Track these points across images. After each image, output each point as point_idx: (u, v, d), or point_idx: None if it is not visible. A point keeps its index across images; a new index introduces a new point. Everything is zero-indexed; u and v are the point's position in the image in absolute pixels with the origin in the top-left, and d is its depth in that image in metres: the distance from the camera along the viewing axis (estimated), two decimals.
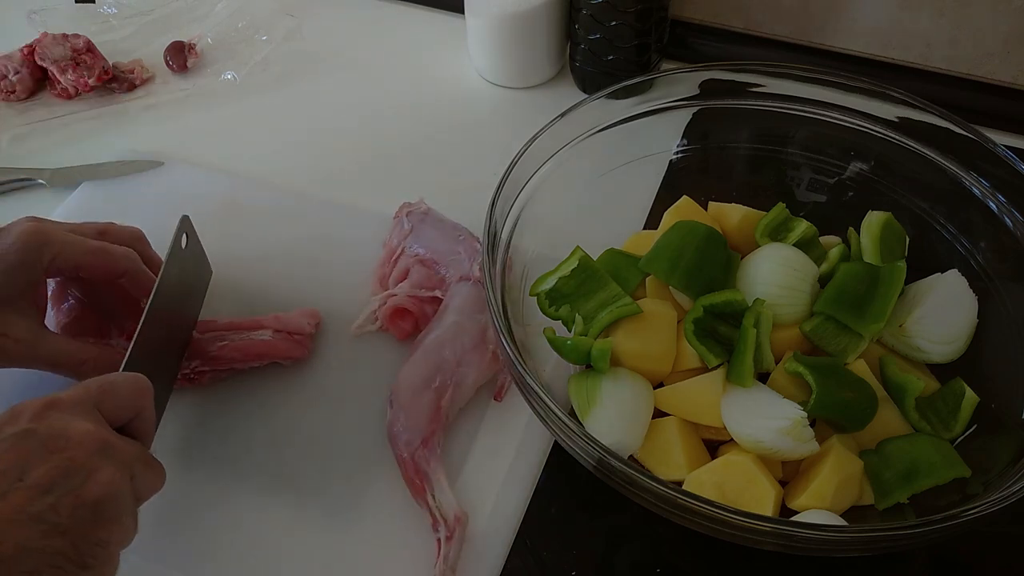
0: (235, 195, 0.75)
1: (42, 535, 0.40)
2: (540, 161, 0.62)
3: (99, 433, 0.46)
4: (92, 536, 0.42)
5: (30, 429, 0.44)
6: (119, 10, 0.93)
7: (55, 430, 0.44)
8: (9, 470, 0.42)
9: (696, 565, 0.55)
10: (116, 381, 0.49)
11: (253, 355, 0.62)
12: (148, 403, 0.51)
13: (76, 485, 0.43)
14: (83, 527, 0.42)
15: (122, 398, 0.49)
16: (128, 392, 0.49)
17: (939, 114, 0.61)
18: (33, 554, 0.40)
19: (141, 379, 0.51)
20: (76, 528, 0.42)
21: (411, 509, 0.56)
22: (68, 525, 0.41)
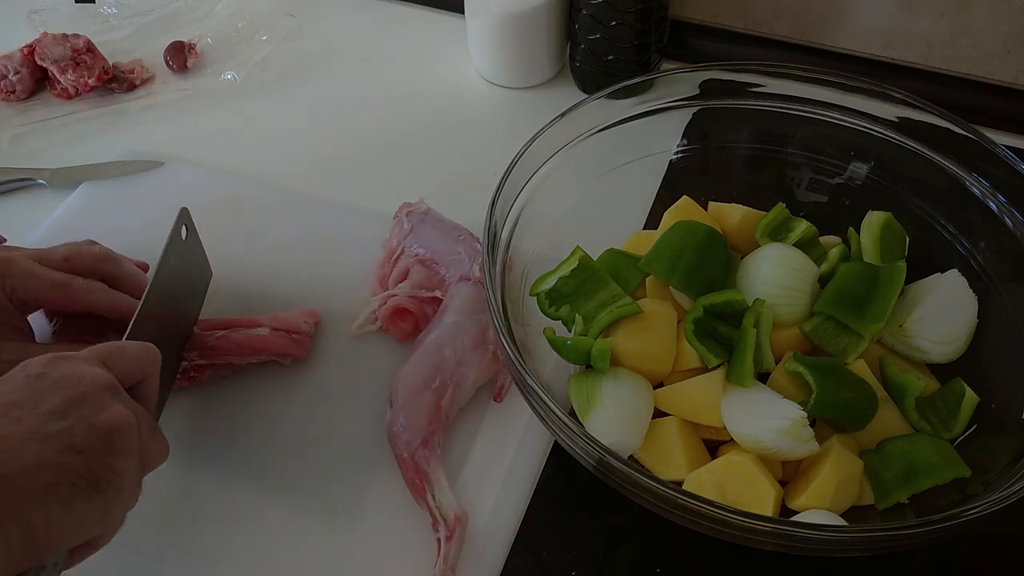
0: (235, 195, 0.75)
1: (58, 452, 0.42)
2: (540, 161, 0.62)
3: (110, 377, 0.47)
4: (105, 461, 0.44)
5: (43, 372, 0.45)
6: (119, 10, 0.93)
7: (67, 372, 0.46)
8: (24, 402, 0.43)
9: (696, 565, 0.55)
10: (124, 344, 0.51)
11: (250, 349, 0.62)
12: (154, 371, 0.51)
13: (89, 414, 0.44)
14: (97, 452, 0.44)
15: (129, 361, 0.50)
16: (135, 355, 0.50)
17: (939, 114, 0.61)
18: (51, 468, 0.41)
19: (149, 346, 0.51)
20: (90, 451, 0.43)
21: (411, 509, 0.56)
22: (83, 447, 0.43)
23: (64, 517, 0.42)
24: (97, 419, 0.44)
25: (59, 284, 0.56)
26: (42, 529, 0.41)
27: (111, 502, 0.44)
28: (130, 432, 0.46)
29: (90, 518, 0.43)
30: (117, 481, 0.44)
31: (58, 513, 0.41)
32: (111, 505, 0.44)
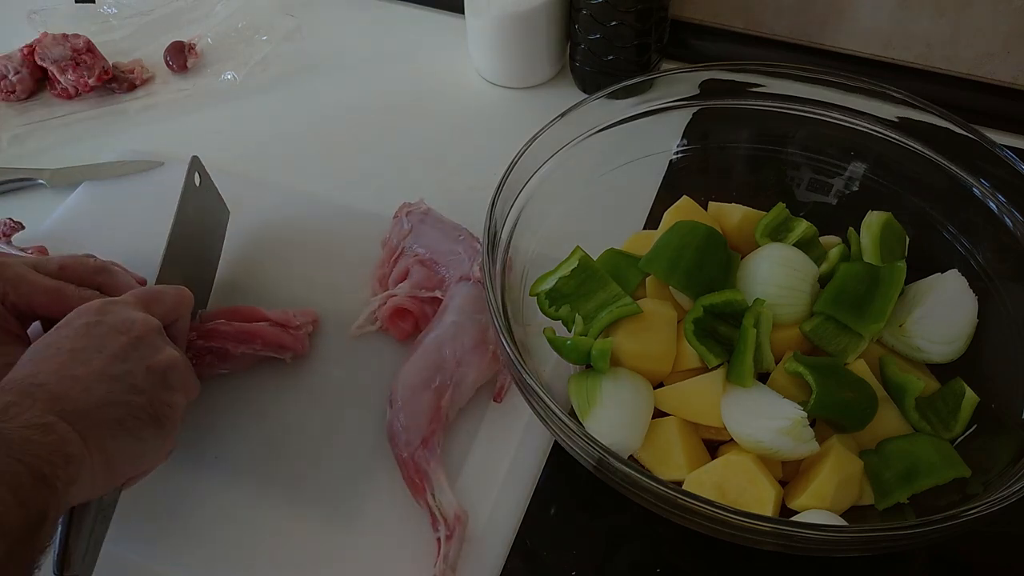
0: (235, 195, 0.75)
1: (123, 391, 0.48)
2: (540, 161, 0.62)
3: (156, 321, 0.53)
4: (163, 397, 0.50)
5: (98, 320, 0.51)
6: (119, 10, 0.93)
7: (120, 318, 0.51)
8: (89, 347, 0.49)
9: (696, 565, 0.55)
10: (162, 289, 0.57)
11: (247, 335, 0.62)
12: (187, 311, 0.57)
13: (147, 355, 0.50)
14: (156, 389, 0.50)
15: (167, 305, 0.55)
16: (173, 299, 0.56)
17: (939, 114, 0.61)
18: (119, 405, 0.47)
19: (183, 290, 0.57)
20: (150, 389, 0.49)
21: (411, 509, 0.56)
22: (144, 386, 0.49)
23: (133, 446, 0.48)
24: (153, 361, 0.50)
25: (52, 290, 0.56)
26: (117, 456, 0.47)
27: (169, 433, 0.51)
28: (178, 370, 0.52)
29: (153, 447, 0.50)
30: (173, 415, 0.51)
31: (128, 442, 0.48)
32: (169, 436, 0.51)
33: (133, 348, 0.50)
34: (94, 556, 0.50)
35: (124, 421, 0.47)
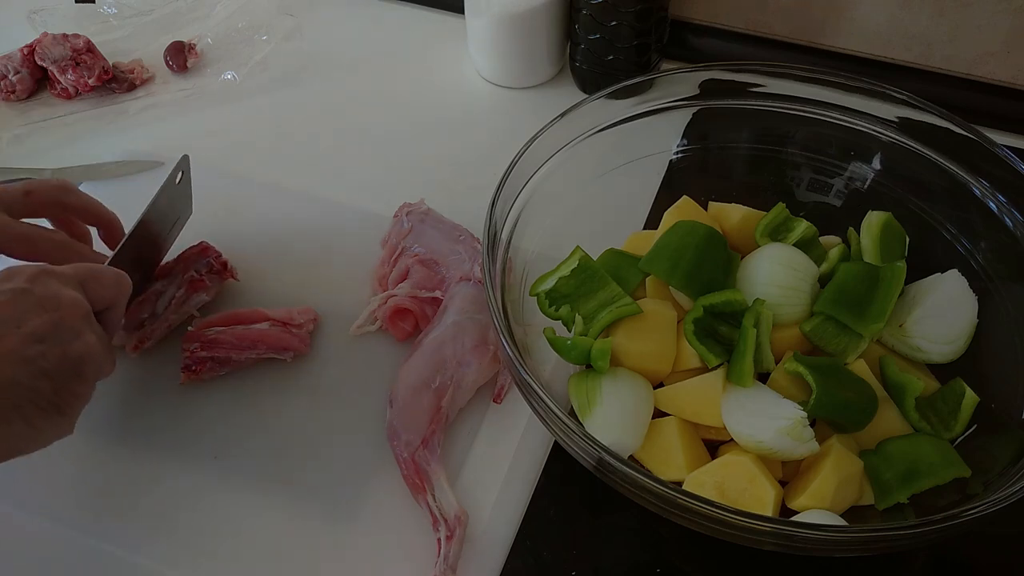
0: (235, 195, 0.75)
1: (31, 375, 0.46)
2: (540, 161, 0.62)
3: (86, 305, 0.51)
4: (71, 387, 0.48)
5: (27, 288, 0.49)
6: (119, 10, 0.93)
7: (49, 292, 0.49)
8: (8, 319, 0.47)
9: (696, 565, 0.55)
10: (103, 270, 0.54)
11: (248, 342, 0.62)
12: (124, 299, 0.55)
13: (64, 340, 0.48)
14: (65, 378, 0.48)
15: (105, 287, 0.53)
16: (110, 282, 0.54)
17: (939, 114, 0.61)
18: (22, 389, 0.46)
19: (124, 275, 0.55)
20: (60, 377, 0.47)
21: (411, 509, 0.56)
22: (54, 372, 0.47)
23: (23, 431, 0.46)
24: (70, 347, 0.48)
25: (23, 237, 0.57)
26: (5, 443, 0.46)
27: (67, 423, 0.49)
28: (95, 360, 0.50)
29: (45, 436, 0.48)
30: (76, 405, 0.49)
31: (19, 428, 0.46)
32: (65, 425, 0.49)
33: (53, 329, 0.48)
34: None
35: (22, 407, 0.46)
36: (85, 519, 0.57)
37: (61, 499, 0.58)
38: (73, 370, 0.48)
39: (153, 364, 0.64)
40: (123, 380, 0.64)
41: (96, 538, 0.56)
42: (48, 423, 0.47)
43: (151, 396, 0.63)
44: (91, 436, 0.61)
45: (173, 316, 0.64)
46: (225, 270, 0.67)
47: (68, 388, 0.48)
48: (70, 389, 0.48)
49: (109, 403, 0.62)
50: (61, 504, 0.58)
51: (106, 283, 0.53)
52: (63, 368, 0.48)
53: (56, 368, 0.47)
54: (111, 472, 0.59)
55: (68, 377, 0.48)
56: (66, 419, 0.49)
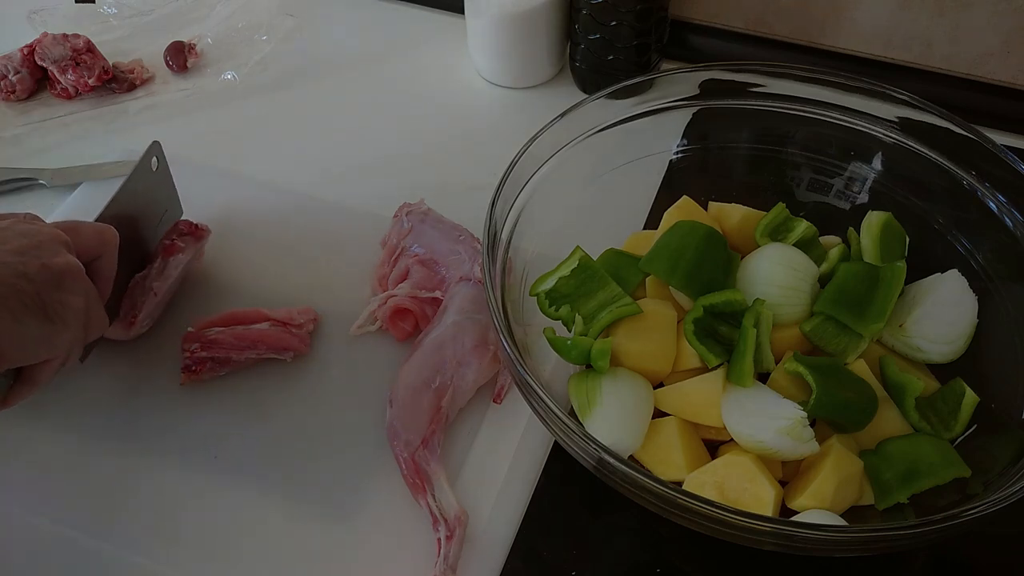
0: (235, 195, 0.75)
1: (12, 276, 0.49)
2: (540, 161, 0.62)
3: (65, 237, 0.54)
4: (56, 295, 0.51)
5: (7, 227, 0.53)
6: (119, 10, 0.93)
7: (29, 228, 0.53)
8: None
9: (696, 565, 0.55)
10: (81, 223, 0.57)
11: (248, 342, 0.62)
12: (111, 250, 0.58)
13: (44, 255, 0.52)
14: (48, 285, 0.51)
15: (86, 235, 0.56)
16: (92, 231, 0.57)
17: (939, 114, 0.61)
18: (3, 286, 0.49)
19: (107, 227, 0.58)
20: (42, 282, 0.51)
21: (411, 509, 0.56)
22: (35, 277, 0.50)
23: (13, 328, 0.49)
24: (51, 261, 0.52)
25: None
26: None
27: (57, 332, 0.51)
28: (78, 278, 0.53)
29: (37, 339, 0.51)
30: (64, 314, 0.52)
31: (7, 323, 0.49)
32: (57, 335, 0.52)
33: (32, 248, 0.51)
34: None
35: (7, 299, 0.49)
36: (85, 519, 0.57)
37: (61, 499, 0.58)
38: (54, 279, 0.51)
39: (153, 364, 0.64)
40: (123, 380, 0.64)
41: (96, 538, 0.56)
42: (34, 324, 0.50)
43: (151, 396, 0.63)
44: (91, 436, 0.61)
45: (156, 283, 0.64)
46: (196, 230, 0.67)
47: (52, 295, 0.51)
48: (54, 296, 0.51)
49: (109, 403, 0.62)
50: (61, 504, 0.58)
51: (86, 232, 0.56)
52: (44, 276, 0.51)
53: (36, 273, 0.50)
54: (111, 472, 0.59)
55: (50, 285, 0.51)
56: (54, 326, 0.51)
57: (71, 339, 0.53)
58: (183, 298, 0.68)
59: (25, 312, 0.49)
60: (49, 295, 0.51)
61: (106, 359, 0.64)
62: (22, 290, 0.50)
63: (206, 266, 0.70)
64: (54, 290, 0.51)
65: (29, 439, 0.61)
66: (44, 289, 0.51)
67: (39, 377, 0.53)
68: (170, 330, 0.66)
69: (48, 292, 0.51)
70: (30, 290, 0.50)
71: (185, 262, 0.65)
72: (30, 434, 0.61)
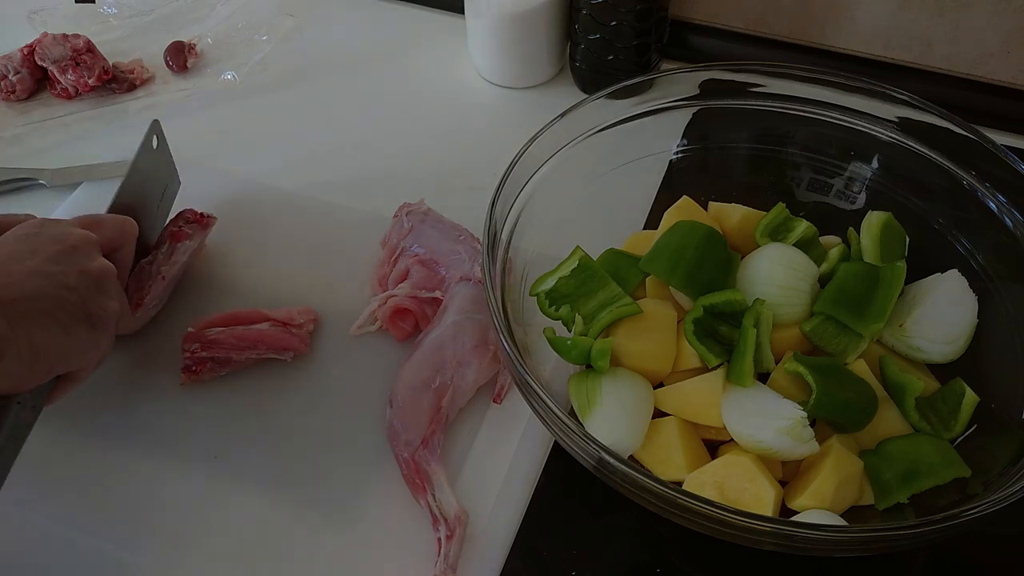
0: (235, 195, 0.75)
1: (56, 287, 0.50)
2: (540, 161, 0.62)
3: (94, 237, 0.55)
4: (97, 300, 0.52)
5: (36, 232, 0.53)
6: (119, 10, 0.93)
7: (59, 230, 0.54)
8: (25, 251, 0.51)
9: (696, 565, 0.55)
10: (102, 216, 0.59)
11: (248, 342, 0.62)
12: (130, 240, 0.59)
13: (80, 262, 0.53)
14: (89, 291, 0.52)
15: (107, 229, 0.57)
16: (113, 225, 0.58)
17: (939, 114, 0.61)
18: (50, 299, 0.50)
19: (127, 219, 0.59)
20: (83, 290, 0.52)
21: (411, 509, 0.56)
22: (76, 286, 0.51)
23: (63, 340, 0.50)
24: (88, 266, 0.53)
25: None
26: (44, 347, 0.49)
27: (100, 337, 0.53)
28: (112, 280, 0.54)
29: (84, 346, 0.52)
30: (105, 318, 0.53)
31: (57, 335, 0.49)
32: (100, 340, 0.53)
33: (68, 254, 0.52)
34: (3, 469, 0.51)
35: (54, 313, 0.49)
36: (84, 519, 0.57)
37: (61, 499, 0.58)
38: (95, 285, 0.52)
39: (153, 364, 0.64)
40: (123, 380, 0.64)
41: (95, 538, 0.56)
42: (83, 332, 0.51)
43: (151, 396, 0.63)
44: (91, 436, 0.61)
45: (164, 267, 0.64)
46: (203, 218, 0.67)
47: (94, 301, 0.52)
48: (96, 303, 0.52)
49: (109, 403, 0.62)
50: (61, 504, 0.58)
51: (109, 225, 0.57)
52: (85, 283, 0.52)
53: (78, 283, 0.51)
54: (111, 472, 0.59)
55: (91, 291, 0.52)
56: (97, 332, 0.52)
57: (110, 339, 0.54)
58: (183, 298, 0.68)
59: (73, 322, 0.50)
60: (91, 302, 0.52)
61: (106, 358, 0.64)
62: (67, 301, 0.50)
63: (206, 266, 0.70)
64: (95, 295, 0.52)
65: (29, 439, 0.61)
66: (86, 297, 0.52)
67: (81, 376, 0.54)
68: (170, 330, 0.66)
69: (90, 299, 0.52)
70: (75, 299, 0.51)
71: (192, 248, 0.66)
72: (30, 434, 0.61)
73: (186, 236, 0.66)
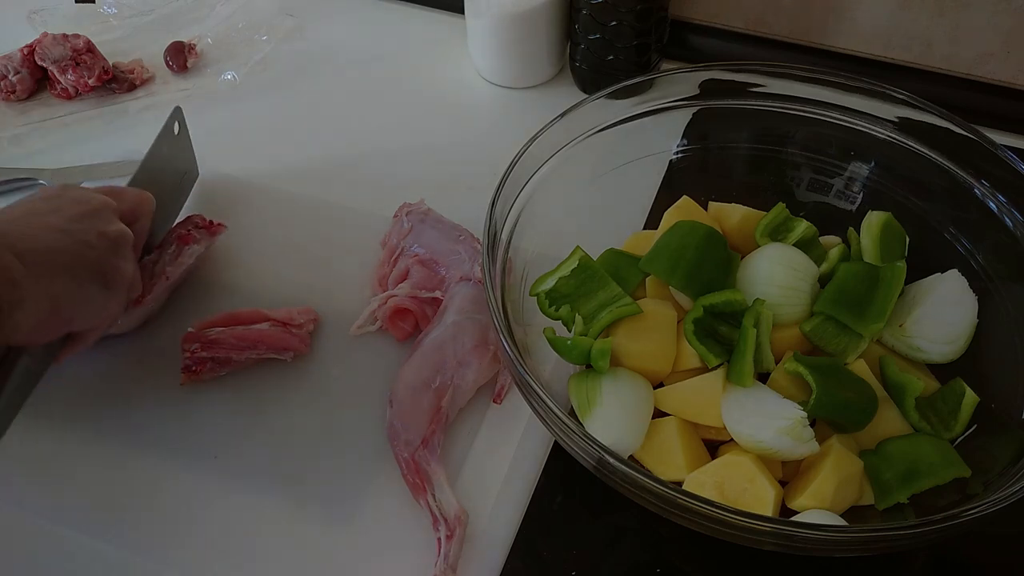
0: (235, 195, 0.75)
1: (75, 243, 0.51)
2: (540, 161, 0.62)
3: (113, 202, 0.56)
4: (112, 260, 0.53)
5: (59, 194, 0.55)
6: (119, 10, 0.92)
7: (81, 194, 0.55)
8: (46, 209, 0.53)
9: (696, 565, 0.55)
10: (122, 188, 0.60)
11: (248, 342, 0.62)
12: (148, 214, 0.60)
13: (100, 224, 0.54)
14: (107, 252, 0.53)
15: (127, 200, 0.58)
16: (133, 196, 0.59)
17: (939, 114, 0.61)
18: (69, 254, 0.51)
19: (145, 192, 0.61)
20: (101, 250, 0.53)
21: (411, 509, 0.56)
22: (95, 245, 0.52)
23: (78, 294, 0.51)
24: (107, 229, 0.54)
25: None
26: (61, 299, 0.50)
27: (113, 297, 0.54)
28: (129, 245, 0.55)
29: (97, 304, 0.53)
30: (120, 279, 0.54)
31: (73, 289, 0.51)
32: (112, 300, 0.54)
33: (89, 216, 0.53)
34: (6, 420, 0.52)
35: (72, 268, 0.51)
36: (84, 519, 0.57)
37: (61, 499, 0.58)
38: (112, 246, 0.54)
39: (153, 364, 0.64)
40: (123, 380, 0.64)
41: (95, 538, 0.56)
42: (97, 290, 0.52)
43: (151, 396, 0.63)
44: (91, 436, 0.61)
45: (169, 268, 0.64)
46: (212, 225, 0.68)
47: (109, 261, 0.53)
48: (111, 263, 0.53)
49: (109, 403, 0.62)
50: (61, 504, 0.58)
51: (128, 197, 0.59)
52: (103, 243, 0.53)
53: (97, 242, 0.52)
54: (111, 472, 0.59)
55: (109, 251, 0.53)
56: (110, 291, 0.53)
57: (121, 303, 0.55)
58: (183, 298, 0.68)
59: (89, 279, 0.51)
60: (107, 262, 0.53)
61: (107, 359, 0.64)
62: (85, 257, 0.51)
63: (206, 266, 0.70)
64: (112, 256, 0.53)
65: (29, 439, 0.61)
66: (103, 256, 0.53)
67: (90, 337, 0.55)
68: (170, 330, 0.66)
69: (107, 259, 0.53)
70: (92, 256, 0.52)
71: (199, 253, 0.66)
72: (30, 434, 0.61)
73: (194, 240, 0.66)
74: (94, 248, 0.52)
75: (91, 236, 0.52)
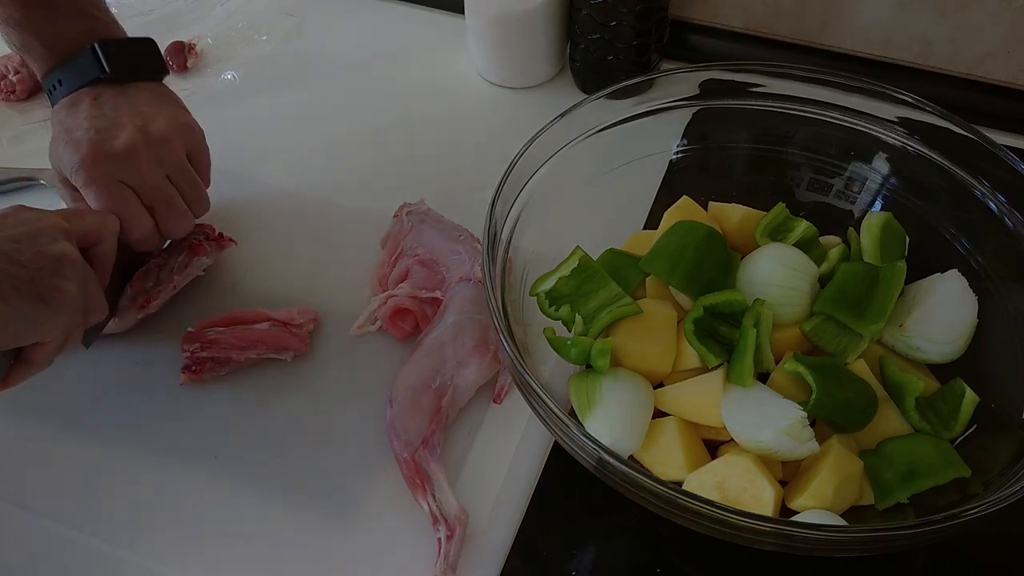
0: (235, 195, 0.75)
1: (5, 262, 0.51)
2: (540, 161, 0.62)
3: (66, 224, 0.55)
4: (49, 280, 0.52)
5: (10, 214, 0.54)
6: (119, 10, 0.92)
7: (31, 215, 0.54)
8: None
9: (696, 565, 0.55)
10: (84, 210, 0.59)
11: (250, 342, 0.62)
12: (111, 236, 0.58)
13: (40, 244, 0.53)
14: (42, 271, 0.52)
15: (86, 224, 0.57)
16: (93, 220, 0.58)
17: (939, 114, 0.61)
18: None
19: (110, 216, 0.59)
20: (35, 269, 0.52)
21: (411, 509, 0.56)
22: (28, 263, 0.51)
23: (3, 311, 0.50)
24: (47, 248, 0.53)
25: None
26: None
27: (50, 316, 0.52)
28: (74, 265, 0.54)
29: (29, 320, 0.51)
30: (58, 299, 0.52)
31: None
32: (49, 319, 0.52)
33: (28, 236, 0.53)
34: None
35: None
36: (85, 518, 0.57)
37: (61, 498, 0.58)
38: (50, 266, 0.52)
39: (153, 364, 0.64)
40: (123, 380, 0.64)
41: (96, 537, 0.56)
42: (27, 306, 0.51)
43: (151, 396, 0.63)
44: (91, 436, 0.61)
45: (177, 277, 0.65)
46: (222, 239, 0.68)
47: (46, 280, 0.52)
48: (50, 282, 0.52)
49: (109, 403, 0.63)
50: (61, 503, 0.58)
51: (88, 220, 0.57)
52: (39, 263, 0.52)
53: (31, 261, 0.52)
54: (111, 472, 0.59)
55: (44, 271, 0.52)
56: (49, 309, 0.52)
57: (67, 323, 0.54)
58: (183, 298, 0.68)
59: (16, 296, 0.50)
60: (43, 281, 0.52)
61: (107, 358, 0.64)
62: (14, 275, 0.51)
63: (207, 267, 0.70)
64: (49, 276, 0.52)
65: (30, 439, 0.61)
66: (38, 275, 0.52)
67: (37, 357, 0.54)
68: (170, 330, 0.66)
69: (42, 278, 0.52)
70: (23, 275, 0.51)
71: (206, 264, 0.66)
72: (31, 434, 0.61)
73: (204, 252, 0.66)
74: (25, 267, 0.51)
75: (25, 255, 0.52)
